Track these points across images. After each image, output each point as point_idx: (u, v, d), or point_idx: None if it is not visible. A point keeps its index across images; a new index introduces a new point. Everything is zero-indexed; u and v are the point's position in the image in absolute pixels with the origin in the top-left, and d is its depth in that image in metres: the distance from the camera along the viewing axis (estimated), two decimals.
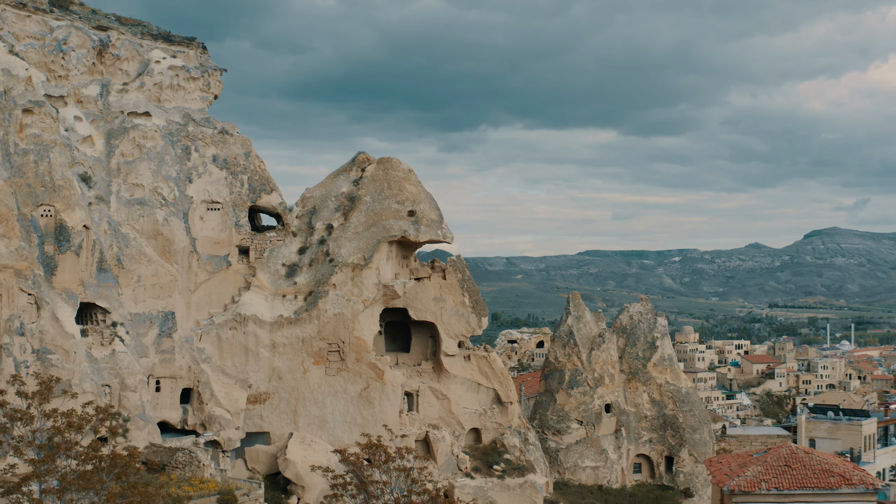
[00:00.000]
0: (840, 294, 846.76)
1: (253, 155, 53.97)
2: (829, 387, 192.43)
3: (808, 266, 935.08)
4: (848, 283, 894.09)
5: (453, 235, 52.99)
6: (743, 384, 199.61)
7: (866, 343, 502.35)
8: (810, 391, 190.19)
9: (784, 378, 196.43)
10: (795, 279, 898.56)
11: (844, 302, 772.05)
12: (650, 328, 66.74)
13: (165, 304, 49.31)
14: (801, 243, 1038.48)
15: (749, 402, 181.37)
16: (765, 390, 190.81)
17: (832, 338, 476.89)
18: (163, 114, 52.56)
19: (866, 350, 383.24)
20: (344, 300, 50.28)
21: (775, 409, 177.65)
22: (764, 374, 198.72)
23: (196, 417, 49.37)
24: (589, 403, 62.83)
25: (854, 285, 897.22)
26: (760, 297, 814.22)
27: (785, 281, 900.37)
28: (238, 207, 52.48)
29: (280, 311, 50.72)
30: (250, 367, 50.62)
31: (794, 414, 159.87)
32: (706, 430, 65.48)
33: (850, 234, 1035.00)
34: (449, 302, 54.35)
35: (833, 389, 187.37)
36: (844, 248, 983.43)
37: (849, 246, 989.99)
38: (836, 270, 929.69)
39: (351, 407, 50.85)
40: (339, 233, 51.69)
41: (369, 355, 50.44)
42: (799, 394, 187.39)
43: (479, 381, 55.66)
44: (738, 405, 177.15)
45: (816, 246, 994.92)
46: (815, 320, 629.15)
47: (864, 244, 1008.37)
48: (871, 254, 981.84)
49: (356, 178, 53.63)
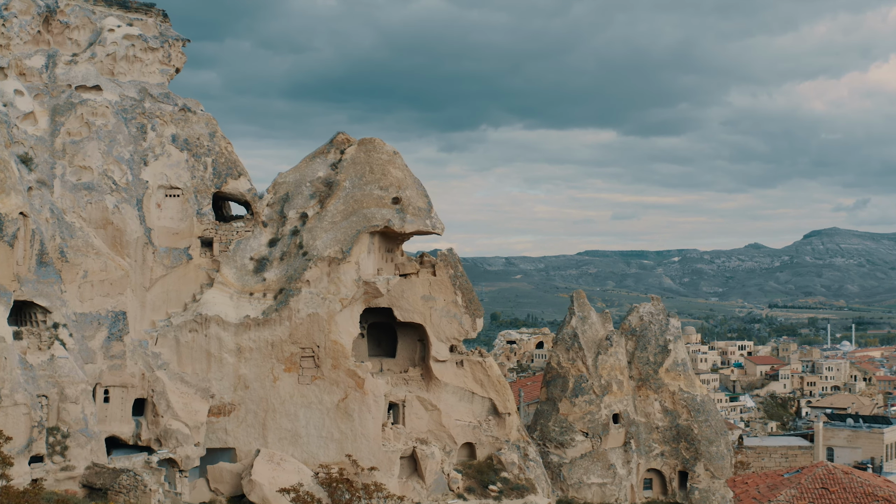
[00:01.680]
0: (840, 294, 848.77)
1: (219, 135, 47.97)
2: (835, 388, 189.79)
3: (807, 266, 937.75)
4: (848, 284, 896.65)
5: (444, 226, 46.94)
6: (746, 386, 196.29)
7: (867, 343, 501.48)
8: (815, 393, 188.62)
9: (788, 380, 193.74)
10: (795, 279, 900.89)
11: (844, 302, 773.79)
12: (662, 330, 60.73)
13: (116, 303, 43.32)
14: (800, 243, 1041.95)
15: (753, 405, 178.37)
16: (769, 392, 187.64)
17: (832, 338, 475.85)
18: (116, 88, 46.54)
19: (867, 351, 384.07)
20: (319, 299, 44.22)
21: (779, 412, 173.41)
22: (768, 376, 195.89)
23: (150, 432, 43.36)
24: (595, 413, 56.83)
25: (854, 286, 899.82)
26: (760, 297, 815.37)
27: (784, 281, 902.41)
28: (200, 194, 46.46)
29: (247, 310, 44.69)
30: (213, 374, 44.60)
31: (798, 416, 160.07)
32: (723, 443, 59.53)
33: (849, 235, 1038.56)
34: (439, 301, 48.36)
35: (839, 391, 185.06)
36: (844, 248, 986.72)
37: (848, 246, 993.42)
38: (836, 271, 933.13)
39: (327, 420, 44.80)
40: (314, 222, 45.63)
41: (348, 361, 44.38)
42: (804, 395, 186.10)
43: (473, 390, 49.65)
44: (741, 407, 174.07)
45: (816, 246, 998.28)
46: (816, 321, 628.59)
47: (864, 244, 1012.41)
48: (871, 254, 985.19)
49: (334, 162, 47.59)
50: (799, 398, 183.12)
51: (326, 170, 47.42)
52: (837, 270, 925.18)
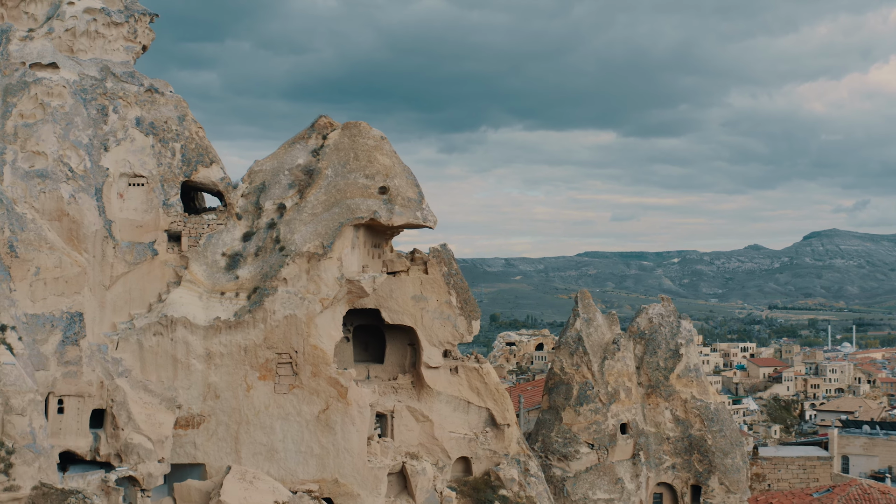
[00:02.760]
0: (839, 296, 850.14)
1: (189, 119, 43.57)
2: (839, 391, 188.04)
3: (807, 268, 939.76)
4: (847, 285, 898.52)
5: (436, 219, 42.50)
6: (749, 388, 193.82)
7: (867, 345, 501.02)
8: (819, 395, 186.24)
9: (792, 382, 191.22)
10: (795, 281, 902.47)
11: (844, 303, 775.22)
12: (673, 333, 56.36)
13: (72, 303, 38.93)
14: (800, 245, 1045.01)
15: (756, 407, 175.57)
16: (772, 395, 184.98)
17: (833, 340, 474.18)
18: (75, 66, 42.15)
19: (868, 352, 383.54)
20: (297, 299, 39.79)
21: (783, 415, 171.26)
22: (771, 378, 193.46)
23: (110, 446, 38.95)
24: (601, 423, 52.48)
25: (854, 287, 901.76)
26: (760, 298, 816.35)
27: (784, 282, 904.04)
28: (168, 183, 42.06)
29: (217, 312, 40.27)
30: (180, 382, 40.20)
31: (802, 419, 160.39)
32: (739, 454, 55.19)
33: (849, 236, 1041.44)
34: (431, 301, 44.00)
35: (843, 394, 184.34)
36: (844, 249, 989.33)
37: (848, 248, 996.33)
38: (836, 272, 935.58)
39: (306, 433, 40.38)
40: (292, 214, 41.21)
41: (329, 368, 39.95)
42: (807, 398, 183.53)
43: (468, 399, 45.26)
44: (744, 410, 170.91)
45: (816, 247, 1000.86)
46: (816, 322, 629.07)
47: (864, 246, 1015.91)
48: (871, 255, 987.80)
49: (316, 148, 43.17)
50: (802, 401, 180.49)
51: (307, 156, 43.01)
52: (837, 272, 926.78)
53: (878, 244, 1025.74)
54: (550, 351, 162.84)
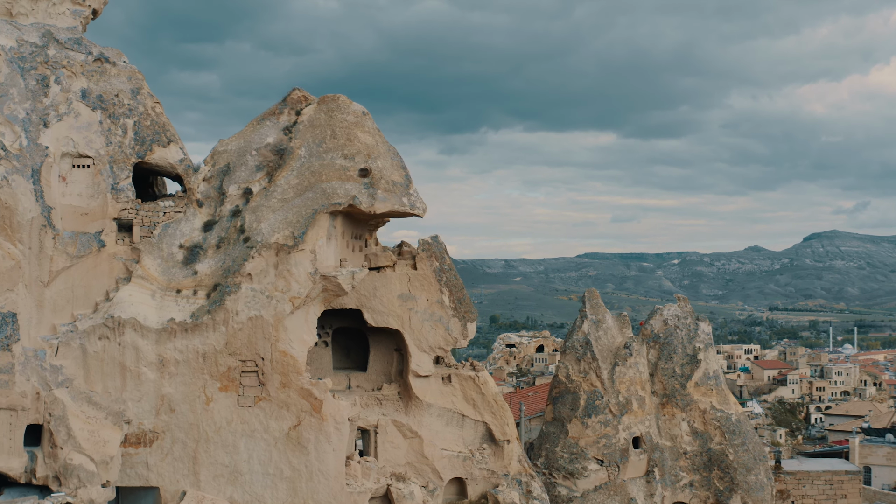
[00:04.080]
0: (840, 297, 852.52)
1: (144, 92, 38.16)
2: (844, 394, 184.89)
3: (807, 269, 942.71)
4: (848, 287, 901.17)
5: (425, 206, 37.07)
6: (753, 391, 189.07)
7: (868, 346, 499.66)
8: (824, 398, 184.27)
9: (797, 384, 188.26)
10: (795, 282, 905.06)
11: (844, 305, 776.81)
12: (690, 336, 50.95)
13: (3, 302, 33.53)
14: (800, 246, 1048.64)
15: (761, 410, 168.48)
16: (776, 397, 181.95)
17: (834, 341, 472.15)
18: (13, 31, 36.73)
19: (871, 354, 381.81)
20: (263, 298, 34.37)
21: (788, 418, 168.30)
22: (775, 381, 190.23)
23: (48, 467, 33.52)
24: (612, 436, 47.07)
25: (854, 288, 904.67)
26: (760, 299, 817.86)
27: (784, 284, 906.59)
28: (118, 164, 36.64)
29: (172, 312, 34.84)
30: (129, 394, 34.77)
31: (808, 422, 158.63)
32: (763, 470, 49.84)
33: (849, 237, 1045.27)
34: (421, 301, 38.58)
35: (849, 396, 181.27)
36: (844, 251, 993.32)
37: (848, 249, 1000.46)
38: (836, 273, 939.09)
39: (275, 453, 34.93)
40: (259, 200, 35.77)
41: (300, 378, 34.49)
42: (812, 401, 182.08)
43: (463, 412, 39.82)
44: (749, 414, 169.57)
45: (816, 249, 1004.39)
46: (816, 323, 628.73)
47: (864, 247, 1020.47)
48: (871, 257, 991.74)
49: (288, 125, 37.71)
50: (808, 403, 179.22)
51: (277, 134, 37.57)
52: (837, 273, 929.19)
53: (879, 245, 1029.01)
54: (551, 353, 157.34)
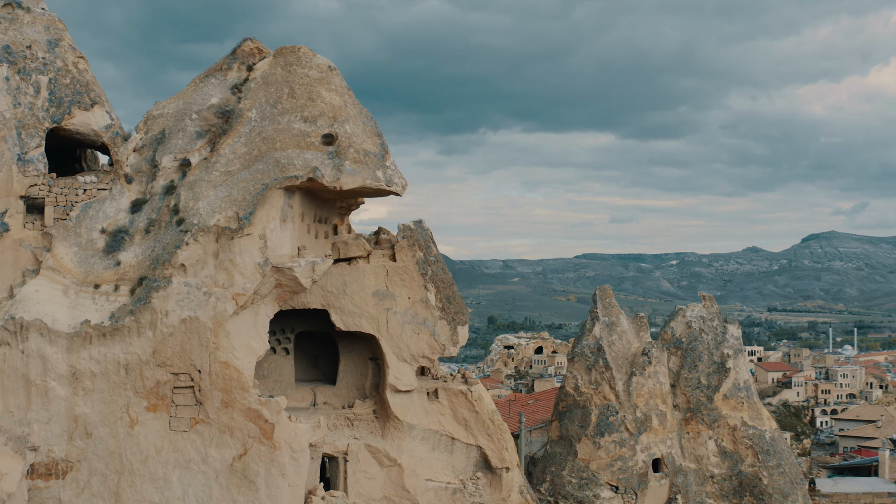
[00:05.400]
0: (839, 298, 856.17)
1: (65, 44, 31.22)
2: (850, 396, 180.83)
3: (806, 270, 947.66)
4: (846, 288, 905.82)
5: (405, 183, 30.04)
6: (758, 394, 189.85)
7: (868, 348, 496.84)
8: (830, 401, 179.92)
9: (802, 387, 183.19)
10: (794, 283, 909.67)
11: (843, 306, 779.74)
12: (717, 342, 44.05)
13: None
14: (798, 247, 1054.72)
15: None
16: (781, 400, 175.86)
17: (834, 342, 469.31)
18: None
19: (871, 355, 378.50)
20: (200, 295, 27.32)
21: (793, 421, 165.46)
22: (780, 383, 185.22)
23: None
24: (628, 458, 40.11)
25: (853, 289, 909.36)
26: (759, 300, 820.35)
27: (783, 285, 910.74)
28: (27, 130, 29.65)
29: (87, 313, 27.82)
30: (35, 414, 27.77)
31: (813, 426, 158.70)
32: (801, 495, 42.98)
33: (847, 238, 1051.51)
34: (401, 300, 31.56)
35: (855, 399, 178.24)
36: (843, 252, 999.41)
37: (847, 250, 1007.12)
38: (835, 274, 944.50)
39: (216, 489, 27.88)
40: (198, 174, 28.75)
41: (247, 396, 27.44)
42: (818, 404, 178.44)
43: (453, 434, 32.74)
44: None
45: (814, 250, 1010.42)
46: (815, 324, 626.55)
47: (863, 248, 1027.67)
48: (870, 258, 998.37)
49: (237, 82, 30.70)
50: (813, 406, 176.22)
51: (224, 94, 30.54)
52: (836, 274, 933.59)
53: (877, 246, 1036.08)
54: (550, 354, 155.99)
